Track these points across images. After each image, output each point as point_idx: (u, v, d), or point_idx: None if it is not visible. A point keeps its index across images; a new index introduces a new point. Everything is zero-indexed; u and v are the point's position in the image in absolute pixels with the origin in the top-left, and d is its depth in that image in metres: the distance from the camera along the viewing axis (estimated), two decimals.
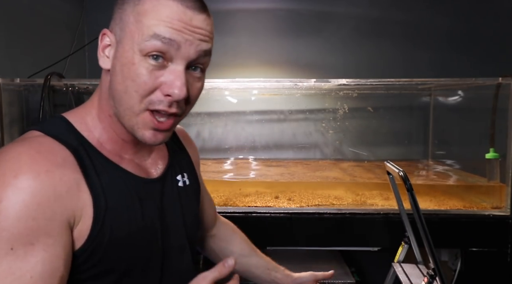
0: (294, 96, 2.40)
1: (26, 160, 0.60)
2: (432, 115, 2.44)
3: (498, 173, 1.80)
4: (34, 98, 1.76)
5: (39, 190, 0.59)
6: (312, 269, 1.90)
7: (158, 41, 0.65)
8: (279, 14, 2.53)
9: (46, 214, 0.59)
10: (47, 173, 0.60)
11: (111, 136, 0.73)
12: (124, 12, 0.68)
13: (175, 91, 0.66)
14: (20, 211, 0.57)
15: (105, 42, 0.70)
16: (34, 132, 0.68)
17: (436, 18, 2.46)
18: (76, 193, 0.64)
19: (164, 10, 0.65)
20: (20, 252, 0.57)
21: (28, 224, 0.57)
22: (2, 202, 0.57)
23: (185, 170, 0.87)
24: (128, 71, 0.66)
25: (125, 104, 0.67)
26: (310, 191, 1.92)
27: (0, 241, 0.56)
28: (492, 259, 1.64)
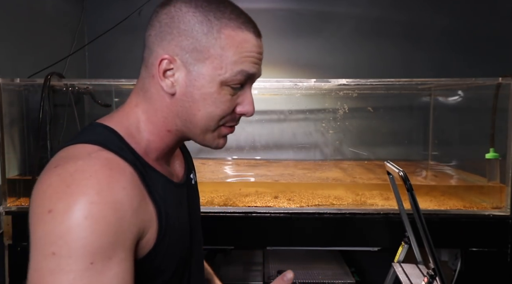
0: (294, 96, 2.40)
1: (104, 177, 0.62)
2: (432, 115, 2.44)
3: (498, 173, 1.80)
4: (34, 98, 1.76)
5: (120, 206, 0.62)
6: (312, 269, 1.91)
7: (244, 76, 0.73)
8: (279, 14, 2.53)
9: (123, 228, 0.62)
10: (124, 190, 0.63)
11: (158, 147, 0.77)
12: (198, 43, 0.70)
13: (250, 109, 0.78)
14: (103, 226, 0.59)
15: (166, 67, 0.71)
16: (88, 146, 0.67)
17: (436, 18, 2.46)
18: (145, 206, 0.68)
19: (246, 46, 0.72)
20: (99, 266, 0.59)
21: (109, 238, 0.60)
22: (87, 219, 0.58)
23: (193, 168, 0.95)
24: (212, 99, 0.72)
25: (204, 126, 0.74)
26: (310, 191, 1.92)
27: (83, 256, 0.58)
28: (492, 259, 1.64)
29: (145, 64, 0.75)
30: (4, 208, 1.67)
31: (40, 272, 0.57)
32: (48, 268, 0.57)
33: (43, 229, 0.58)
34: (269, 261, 1.98)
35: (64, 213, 0.58)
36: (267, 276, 1.83)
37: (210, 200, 1.79)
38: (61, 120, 1.77)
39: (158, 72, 0.72)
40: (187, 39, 0.70)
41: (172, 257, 0.74)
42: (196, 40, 0.70)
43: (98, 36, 2.09)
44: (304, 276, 1.83)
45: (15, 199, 1.72)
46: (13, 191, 1.71)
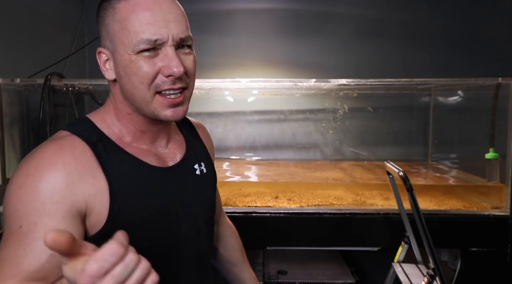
0: (294, 96, 2.40)
1: (48, 154, 0.72)
2: (432, 115, 2.44)
3: (498, 173, 1.80)
4: (35, 98, 1.76)
5: (52, 178, 0.70)
6: (312, 269, 1.91)
7: (146, 44, 0.74)
8: (279, 14, 2.53)
9: (54, 199, 0.69)
10: (63, 164, 0.71)
11: (129, 130, 0.82)
12: (108, 26, 0.77)
13: (174, 70, 0.75)
14: (32, 195, 0.68)
15: (103, 59, 0.79)
16: (63, 132, 0.78)
17: (436, 18, 2.47)
18: (90, 180, 0.73)
19: (138, 10, 0.74)
20: (25, 229, 0.67)
21: (36, 206, 0.68)
22: (22, 188, 0.69)
23: (202, 160, 0.94)
24: (130, 70, 0.75)
25: (138, 97, 0.77)
26: (310, 191, 1.92)
27: (14, 219, 0.68)
28: (492, 259, 1.64)
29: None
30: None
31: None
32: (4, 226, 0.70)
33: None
34: (269, 261, 1.98)
35: (12, 182, 0.71)
36: (267, 276, 1.83)
37: None
38: (61, 120, 1.77)
39: (100, 65, 0.80)
40: (103, 27, 0.78)
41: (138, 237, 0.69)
42: (105, 24, 0.77)
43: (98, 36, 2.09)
44: (304, 276, 1.83)
45: None
46: None
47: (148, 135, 0.84)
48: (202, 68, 2.84)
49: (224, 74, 2.46)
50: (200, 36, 2.48)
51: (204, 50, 2.48)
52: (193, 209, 0.87)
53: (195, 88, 0.86)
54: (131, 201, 0.76)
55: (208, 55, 2.48)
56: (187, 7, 0.86)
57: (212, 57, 2.48)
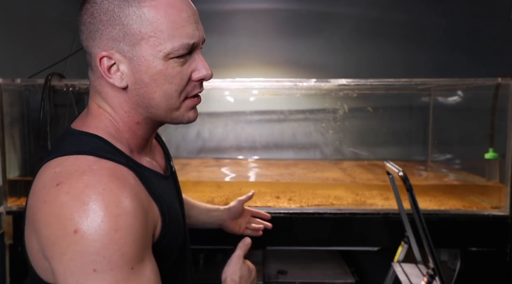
0: (294, 96, 2.40)
1: (117, 190, 0.64)
2: (432, 115, 2.44)
3: (497, 173, 1.80)
4: (35, 98, 1.76)
5: (138, 212, 0.65)
6: (312, 269, 1.91)
7: (185, 49, 0.71)
8: (279, 14, 2.53)
9: (147, 231, 0.67)
10: (136, 196, 0.66)
11: (135, 142, 0.78)
12: (127, 27, 0.68)
13: (206, 73, 0.76)
14: (133, 235, 0.63)
15: (107, 64, 0.70)
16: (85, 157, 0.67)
17: (436, 18, 2.47)
18: (152, 206, 0.71)
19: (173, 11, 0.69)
20: (137, 269, 0.64)
21: (139, 244, 0.65)
22: (118, 231, 0.61)
23: (170, 157, 0.97)
24: (162, 77, 0.70)
25: (167, 105, 0.73)
26: (310, 191, 1.92)
27: (123, 265, 0.62)
28: (492, 259, 1.65)
29: (91, 68, 0.75)
30: (5, 208, 1.67)
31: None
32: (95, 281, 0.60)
33: (74, 250, 0.60)
34: (269, 261, 1.98)
35: (93, 231, 0.60)
36: (267, 276, 1.83)
37: (211, 200, 1.79)
38: (61, 120, 1.77)
39: (103, 72, 0.71)
40: (114, 28, 0.68)
41: (174, 243, 0.79)
42: (123, 25, 0.68)
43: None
44: (304, 276, 1.83)
45: (15, 199, 1.72)
46: (13, 191, 1.72)
47: (147, 145, 0.82)
48: None
49: (224, 74, 2.46)
50: None
51: (204, 50, 2.46)
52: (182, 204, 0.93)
53: None
54: (172, 216, 0.76)
55: (208, 55, 2.44)
56: None
57: (212, 57, 2.45)
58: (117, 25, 0.68)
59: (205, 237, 1.43)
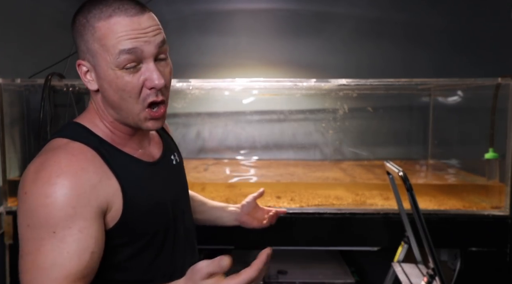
0: (294, 96, 2.40)
1: (65, 163, 0.77)
2: (432, 115, 2.44)
3: (497, 173, 1.80)
4: (35, 98, 1.76)
5: (77, 184, 0.76)
6: (312, 269, 1.91)
7: (125, 54, 0.79)
8: (279, 14, 2.53)
9: (83, 202, 0.76)
10: (82, 170, 0.78)
11: (118, 134, 0.89)
12: (88, 43, 0.81)
13: (156, 82, 0.82)
14: (63, 202, 0.74)
15: (83, 70, 0.85)
16: (61, 139, 0.83)
17: (436, 18, 2.47)
18: (107, 182, 0.81)
19: (117, 28, 0.79)
20: (60, 234, 0.74)
21: (68, 212, 0.74)
22: (50, 197, 0.74)
23: (174, 151, 1.06)
24: (116, 85, 0.81)
25: (125, 108, 0.84)
26: (310, 191, 1.92)
27: (47, 227, 0.73)
28: (492, 259, 1.65)
29: None
30: (5, 208, 1.68)
31: (21, 241, 0.76)
32: (26, 237, 0.75)
33: (21, 207, 0.77)
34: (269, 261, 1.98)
35: (34, 194, 0.75)
36: (267, 276, 1.83)
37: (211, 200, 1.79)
38: (61, 120, 1.77)
39: (81, 76, 0.85)
40: (82, 42, 0.83)
41: (148, 222, 0.87)
42: (86, 41, 0.82)
43: None
44: (304, 276, 1.83)
45: (16, 199, 1.72)
46: (13, 191, 1.72)
47: (134, 138, 0.91)
48: (202, 68, 2.86)
49: (224, 74, 2.46)
50: (200, 36, 2.49)
51: (204, 50, 2.48)
52: (177, 194, 0.99)
53: (195, 88, 0.89)
54: (138, 195, 0.85)
55: (208, 55, 2.48)
56: (187, 7, 0.87)
57: (212, 57, 2.49)
58: (82, 40, 0.82)
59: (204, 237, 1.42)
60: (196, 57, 2.44)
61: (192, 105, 2.36)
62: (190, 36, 2.46)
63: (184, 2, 2.43)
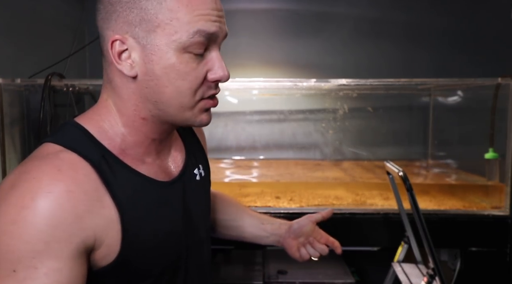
0: (294, 96, 2.40)
1: (46, 181, 0.59)
2: (432, 115, 2.44)
3: (497, 173, 1.80)
4: (35, 98, 1.76)
5: (57, 213, 0.58)
6: (312, 269, 1.91)
7: (202, 37, 0.65)
8: (279, 14, 2.53)
9: (60, 237, 0.58)
10: (67, 193, 0.59)
11: (137, 140, 0.71)
12: (144, 11, 0.64)
13: (223, 74, 0.70)
14: (30, 233, 0.56)
15: (119, 48, 0.66)
16: (53, 145, 0.65)
17: (436, 18, 2.47)
18: (99, 211, 0.62)
19: (198, 3, 0.65)
20: (21, 275, 0.55)
21: (36, 247, 0.56)
22: (15, 224, 0.56)
23: (200, 161, 0.87)
24: (177, 71, 0.65)
25: (178, 103, 0.68)
26: (310, 191, 1.92)
27: (6, 262, 0.55)
28: (492, 259, 1.64)
29: (103, 53, 0.70)
30: None
31: None
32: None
33: None
34: (269, 261, 1.98)
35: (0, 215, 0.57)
36: (267, 276, 1.83)
37: None
38: (61, 120, 1.77)
39: (113, 57, 0.66)
40: (132, 11, 0.64)
41: (153, 261, 0.70)
42: (141, 9, 0.64)
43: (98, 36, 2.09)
44: (304, 276, 1.83)
45: None
46: None
47: (155, 145, 0.74)
48: None
49: None
50: None
51: None
52: (197, 219, 0.81)
53: None
54: (144, 227, 0.67)
55: None
56: None
57: None
58: (135, 8, 0.64)
59: None
60: None
61: None
62: None
63: None
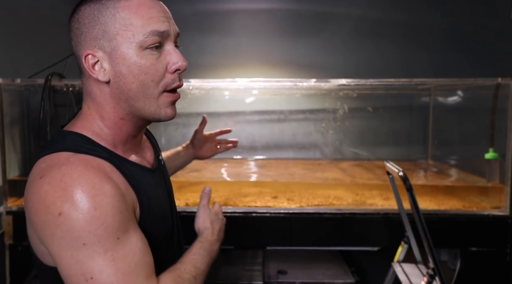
0: (294, 96, 2.40)
1: (91, 174, 0.72)
2: (432, 115, 2.44)
3: (497, 173, 1.80)
4: (35, 98, 1.76)
5: (115, 192, 0.73)
6: (312, 269, 1.91)
7: (156, 36, 0.78)
8: (279, 14, 2.53)
9: (125, 206, 0.74)
10: (111, 179, 0.74)
11: (122, 138, 0.84)
12: (106, 25, 0.77)
13: (181, 63, 0.80)
14: (111, 210, 0.71)
15: (91, 61, 0.79)
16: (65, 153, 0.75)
17: (436, 18, 2.47)
18: (129, 191, 0.78)
19: (144, 9, 0.78)
20: (123, 238, 0.72)
21: (120, 217, 0.72)
22: (97, 209, 0.69)
23: (159, 150, 1.02)
24: (139, 67, 0.78)
25: (144, 95, 0.80)
26: (310, 191, 1.92)
27: (109, 236, 0.70)
28: (492, 259, 1.65)
29: (81, 72, 0.82)
30: (5, 208, 1.67)
31: (80, 263, 0.69)
32: (86, 256, 0.69)
33: (62, 230, 0.69)
34: (269, 261, 1.98)
35: (76, 211, 0.69)
36: (267, 276, 1.83)
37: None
38: (61, 120, 1.77)
39: (88, 69, 0.79)
40: (94, 27, 0.78)
41: (158, 230, 0.85)
42: (101, 24, 0.77)
43: None
44: (304, 276, 1.83)
45: (16, 199, 1.72)
46: (13, 191, 1.72)
47: (135, 142, 0.87)
48: (202, 68, 2.85)
49: (224, 74, 2.46)
50: (200, 36, 2.49)
51: (204, 50, 2.48)
52: (172, 200, 0.98)
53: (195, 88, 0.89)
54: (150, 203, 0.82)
55: (208, 55, 2.48)
56: (187, 7, 0.88)
57: (212, 57, 2.49)
58: (97, 24, 0.78)
59: None
60: (196, 57, 2.44)
61: (192, 105, 2.35)
62: (190, 36, 2.46)
63: (184, 2, 2.43)
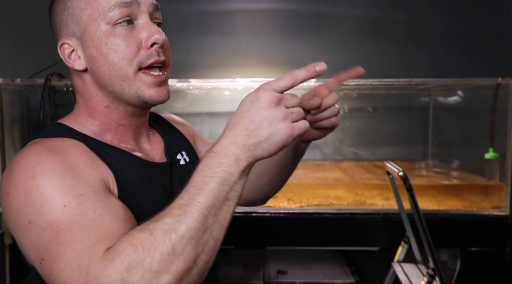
0: None
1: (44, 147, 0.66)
2: (432, 115, 2.44)
3: (497, 173, 1.80)
4: (35, 98, 1.76)
5: (65, 160, 0.64)
6: (312, 269, 1.91)
7: (122, 7, 0.70)
8: (279, 14, 2.53)
9: (80, 174, 0.64)
10: (67, 153, 0.66)
11: (109, 126, 0.77)
12: (71, 9, 0.73)
13: (157, 36, 0.71)
14: (56, 176, 0.62)
15: (67, 51, 0.75)
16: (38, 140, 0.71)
17: (436, 18, 2.47)
18: (98, 163, 0.69)
19: None
20: (74, 204, 0.60)
21: (68, 182, 0.62)
22: (36, 177, 0.61)
23: (182, 149, 0.91)
24: (107, 47, 0.71)
25: (119, 78, 0.72)
26: (310, 191, 1.92)
27: (52, 204, 0.60)
28: (492, 259, 1.65)
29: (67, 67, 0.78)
30: None
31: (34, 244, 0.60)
32: (36, 236, 0.60)
33: (9, 210, 0.64)
34: (269, 261, 1.98)
35: (16, 189, 0.62)
36: (267, 276, 1.83)
37: None
38: None
39: (65, 59, 0.75)
40: (63, 14, 0.74)
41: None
42: (68, 8, 0.73)
43: None
44: (304, 276, 1.83)
45: None
46: None
47: (130, 131, 0.79)
48: (202, 68, 2.85)
49: (224, 74, 2.46)
50: (200, 36, 2.49)
51: (204, 50, 2.48)
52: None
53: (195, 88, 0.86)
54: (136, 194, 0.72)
55: (208, 55, 2.48)
56: (187, 7, 0.86)
57: (212, 57, 2.49)
58: (65, 10, 0.74)
59: None
60: (196, 57, 2.44)
61: (192, 105, 2.35)
62: (190, 36, 2.46)
63: (184, 2, 2.43)
